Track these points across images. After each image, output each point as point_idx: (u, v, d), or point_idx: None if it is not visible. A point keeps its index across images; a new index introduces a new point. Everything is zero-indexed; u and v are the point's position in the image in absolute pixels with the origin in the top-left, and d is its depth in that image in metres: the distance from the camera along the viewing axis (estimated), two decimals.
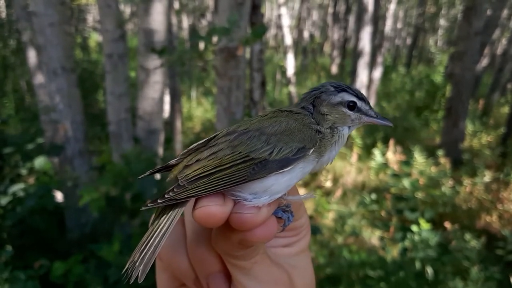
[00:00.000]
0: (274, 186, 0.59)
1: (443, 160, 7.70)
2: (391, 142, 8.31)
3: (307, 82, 16.41)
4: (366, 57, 10.78)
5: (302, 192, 0.68)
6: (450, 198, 6.59)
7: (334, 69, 18.94)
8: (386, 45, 15.42)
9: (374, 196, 6.51)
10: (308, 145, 0.62)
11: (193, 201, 0.58)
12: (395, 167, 7.29)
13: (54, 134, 4.26)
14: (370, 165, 8.14)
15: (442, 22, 25.32)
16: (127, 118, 4.44)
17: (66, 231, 4.08)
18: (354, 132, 8.63)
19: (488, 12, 11.36)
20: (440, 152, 7.83)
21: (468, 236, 4.93)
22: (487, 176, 7.37)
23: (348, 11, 20.29)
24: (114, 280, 2.79)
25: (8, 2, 12.93)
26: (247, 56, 5.09)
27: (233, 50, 3.13)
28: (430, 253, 4.34)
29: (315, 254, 5.19)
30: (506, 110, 11.54)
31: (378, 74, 12.06)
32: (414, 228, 4.59)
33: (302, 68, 19.77)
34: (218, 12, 3.52)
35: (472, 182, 7.35)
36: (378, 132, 9.59)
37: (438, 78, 12.87)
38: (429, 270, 4.32)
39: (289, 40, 10.96)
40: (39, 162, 3.74)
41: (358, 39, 11.18)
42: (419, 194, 6.01)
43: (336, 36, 21.10)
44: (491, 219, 6.70)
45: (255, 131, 0.63)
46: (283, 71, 13.63)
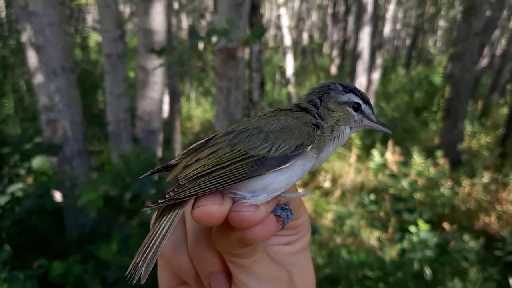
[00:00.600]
0: (273, 184, 0.60)
1: (442, 160, 7.71)
2: (390, 143, 8.32)
3: (306, 83, 16.43)
4: (366, 57, 10.78)
5: (300, 191, 0.68)
6: (449, 198, 6.59)
7: (334, 69, 18.94)
8: (385, 45, 15.44)
9: (373, 196, 6.52)
10: (306, 141, 0.63)
11: (193, 200, 0.58)
12: (394, 168, 7.30)
13: (53, 134, 4.25)
14: (369, 165, 8.14)
15: (442, 23, 25.35)
16: (126, 118, 4.44)
17: (64, 231, 4.07)
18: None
19: (487, 13, 11.37)
20: (439, 152, 7.84)
21: (466, 237, 4.93)
22: (486, 177, 7.38)
23: (347, 12, 20.30)
24: (112, 280, 2.79)
25: (7, 2, 12.91)
26: (246, 56, 5.09)
27: (232, 51, 3.12)
28: (429, 253, 4.34)
29: (314, 255, 5.20)
30: (505, 111, 11.54)
31: (377, 74, 12.08)
32: (413, 228, 4.60)
33: (301, 68, 19.78)
34: (217, 12, 3.52)
35: (471, 183, 7.35)
36: (377, 133, 9.59)
37: (437, 79, 12.88)
38: (427, 271, 4.32)
39: (288, 40, 10.97)
40: (38, 161, 3.74)
41: (357, 40, 11.19)
42: (418, 195, 6.02)
43: (335, 36, 21.11)
44: (490, 220, 6.70)
45: (254, 130, 0.64)
46: (282, 72, 13.64)
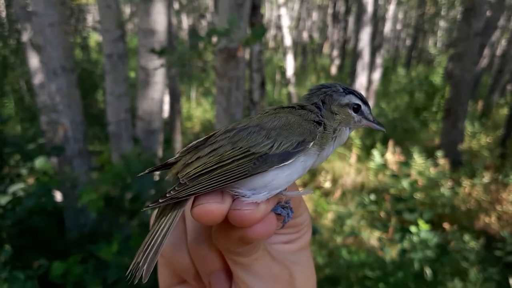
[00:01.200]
0: (274, 181, 0.59)
1: (442, 161, 7.71)
2: (390, 143, 8.32)
3: (307, 83, 16.42)
4: (366, 57, 10.79)
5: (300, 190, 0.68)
6: (449, 199, 6.59)
7: (334, 69, 18.95)
8: (385, 46, 15.44)
9: (373, 196, 6.52)
10: (308, 138, 0.63)
11: (193, 198, 0.58)
12: (394, 168, 7.31)
13: (54, 134, 4.26)
14: (369, 166, 8.14)
15: (442, 23, 25.34)
16: (127, 118, 4.45)
17: (65, 231, 4.08)
18: (353, 133, 8.64)
19: (487, 13, 11.36)
20: (439, 153, 7.83)
21: (467, 237, 4.93)
22: (486, 177, 7.38)
23: (347, 12, 20.29)
24: (113, 280, 2.79)
25: (8, 2, 12.91)
26: (247, 56, 5.10)
27: (233, 51, 3.12)
28: (429, 254, 4.34)
29: (314, 255, 5.19)
30: (505, 111, 11.53)
31: (377, 75, 12.08)
32: (413, 229, 4.60)
33: (301, 68, 19.77)
34: (218, 12, 3.52)
35: (471, 183, 7.35)
36: (377, 133, 9.59)
37: (437, 79, 12.88)
38: (427, 271, 4.32)
39: (288, 40, 10.97)
40: (39, 162, 3.74)
41: (357, 40, 11.20)
42: (418, 195, 6.02)
43: (335, 36, 21.13)
44: (490, 220, 6.70)
45: (255, 127, 0.64)
46: (283, 72, 13.64)
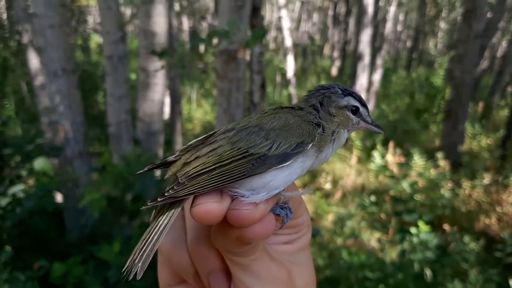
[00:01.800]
0: (273, 181, 0.60)
1: (443, 162, 7.70)
2: (391, 145, 8.32)
3: (307, 84, 16.43)
4: (366, 59, 10.79)
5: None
6: (449, 200, 6.59)
7: (334, 71, 18.95)
8: (386, 47, 15.46)
9: (373, 198, 6.52)
10: (306, 140, 0.63)
11: (192, 198, 0.58)
12: (395, 169, 7.31)
13: (54, 135, 4.26)
14: (369, 167, 8.14)
15: (442, 24, 25.37)
16: (127, 119, 4.45)
17: (65, 232, 4.08)
18: (353, 134, 8.64)
19: (488, 15, 11.37)
20: (439, 154, 7.83)
21: (467, 238, 4.93)
22: (486, 178, 7.37)
23: (348, 14, 20.29)
24: (114, 281, 2.79)
25: (8, 4, 12.94)
26: (247, 58, 5.10)
27: (233, 53, 3.13)
28: (429, 255, 4.34)
29: (315, 256, 5.19)
30: (505, 112, 11.53)
31: (378, 76, 12.09)
32: (413, 230, 4.60)
33: (302, 70, 19.78)
34: (218, 14, 3.53)
35: (471, 185, 7.35)
36: (377, 134, 9.58)
37: (438, 81, 12.88)
38: (428, 272, 4.32)
39: (289, 42, 10.98)
40: (39, 163, 3.74)
41: (358, 42, 11.20)
42: (418, 196, 6.01)
43: (336, 38, 21.14)
44: (490, 222, 6.70)
45: (254, 127, 0.64)
46: (283, 73, 13.65)
